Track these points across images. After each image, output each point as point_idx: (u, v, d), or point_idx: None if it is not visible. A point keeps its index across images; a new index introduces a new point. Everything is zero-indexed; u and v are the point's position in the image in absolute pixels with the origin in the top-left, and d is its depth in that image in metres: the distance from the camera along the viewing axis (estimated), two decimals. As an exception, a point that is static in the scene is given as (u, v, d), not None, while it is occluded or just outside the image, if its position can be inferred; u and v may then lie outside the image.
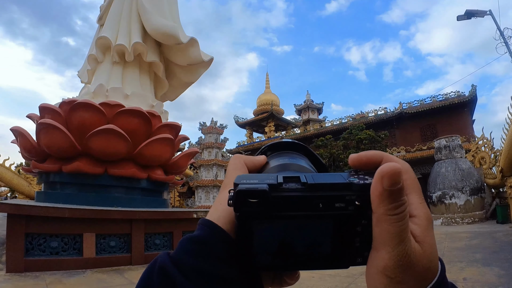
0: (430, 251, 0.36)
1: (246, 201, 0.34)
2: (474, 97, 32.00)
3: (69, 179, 8.71)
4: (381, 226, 0.34)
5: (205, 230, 0.40)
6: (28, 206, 6.86)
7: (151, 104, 10.30)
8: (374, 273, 0.36)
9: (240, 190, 0.34)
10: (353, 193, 0.35)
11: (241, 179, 0.36)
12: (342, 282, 6.00)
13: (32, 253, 6.69)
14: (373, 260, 0.36)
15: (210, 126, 30.53)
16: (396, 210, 0.33)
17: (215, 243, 0.39)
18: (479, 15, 15.25)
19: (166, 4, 10.89)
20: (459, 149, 19.93)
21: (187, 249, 0.39)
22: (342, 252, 0.38)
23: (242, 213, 0.35)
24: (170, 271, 0.37)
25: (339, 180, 0.36)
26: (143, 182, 9.42)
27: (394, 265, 0.34)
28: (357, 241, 0.37)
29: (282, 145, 0.53)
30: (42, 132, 8.43)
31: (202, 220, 0.42)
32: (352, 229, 0.37)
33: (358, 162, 0.41)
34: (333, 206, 0.35)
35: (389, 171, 0.33)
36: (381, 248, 0.35)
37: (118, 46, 10.09)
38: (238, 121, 52.98)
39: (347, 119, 39.91)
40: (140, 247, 7.77)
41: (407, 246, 0.34)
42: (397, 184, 0.33)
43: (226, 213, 0.41)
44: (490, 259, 7.64)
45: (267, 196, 0.34)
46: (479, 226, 15.71)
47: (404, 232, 0.34)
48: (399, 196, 0.33)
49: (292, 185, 0.36)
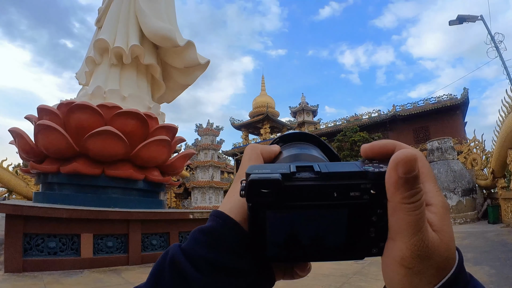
0: (448, 240, 0.35)
1: (259, 191, 0.33)
2: (466, 100, 32.20)
3: (66, 180, 8.74)
4: (397, 215, 0.34)
5: (217, 221, 0.40)
6: (26, 206, 6.85)
7: (148, 106, 10.33)
8: (391, 264, 0.35)
9: (252, 180, 0.33)
10: (368, 182, 0.35)
11: (253, 169, 0.35)
12: (336, 281, 6.00)
13: (30, 253, 6.72)
14: (390, 251, 0.36)
15: (206, 128, 30.50)
16: (412, 198, 0.33)
17: (227, 235, 0.38)
18: (471, 20, 15.39)
19: (163, 7, 10.94)
20: (451, 151, 20.07)
21: (198, 241, 0.39)
22: (357, 243, 0.37)
23: (254, 204, 0.35)
24: (181, 262, 0.38)
25: (353, 169, 0.35)
26: (140, 183, 9.45)
27: (411, 255, 0.33)
28: (372, 231, 0.37)
29: (294, 136, 0.52)
30: (40, 133, 8.45)
31: (214, 212, 0.41)
32: (367, 219, 0.36)
33: (371, 152, 0.40)
34: (347, 195, 0.34)
35: (404, 157, 0.33)
36: (397, 238, 0.34)
37: (115, 49, 10.12)
38: (234, 123, 52.89)
39: (342, 121, 40.06)
40: (137, 247, 7.80)
41: (425, 235, 0.33)
42: (413, 171, 0.33)
43: (238, 204, 0.40)
44: (481, 258, 7.72)
45: (279, 185, 0.33)
46: (471, 226, 15.80)
47: (421, 221, 0.33)
48: (414, 183, 0.33)
49: (305, 174, 0.35)
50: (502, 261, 7.31)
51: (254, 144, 0.47)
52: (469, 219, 18.03)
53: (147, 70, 11.20)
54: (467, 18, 15.42)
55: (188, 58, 10.76)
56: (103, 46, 10.36)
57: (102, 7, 11.54)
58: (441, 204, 0.36)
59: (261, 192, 0.33)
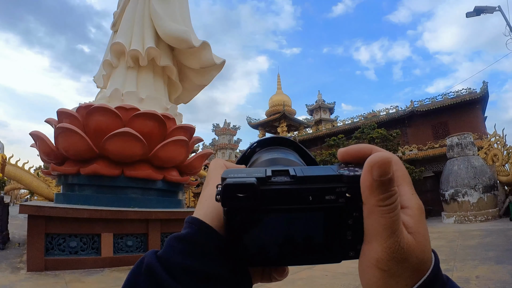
0: (423, 242, 0.35)
1: (234, 195, 0.33)
2: (486, 94, 31.45)
3: (87, 181, 8.90)
4: (372, 217, 0.34)
5: (192, 227, 0.39)
6: (47, 207, 7.02)
7: (165, 107, 10.45)
8: (367, 267, 0.35)
9: (227, 184, 0.33)
10: (343, 185, 0.35)
11: (229, 173, 0.35)
12: (355, 280, 5.96)
13: (52, 253, 6.90)
14: (366, 253, 0.35)
15: (224, 128, 30.73)
16: (387, 200, 0.33)
17: (203, 241, 0.38)
18: (488, 11, 15.03)
19: (178, 9, 11.05)
20: (471, 146, 19.66)
21: (174, 248, 0.38)
22: (334, 246, 0.37)
23: (230, 208, 0.34)
24: (157, 271, 0.37)
25: (329, 172, 0.36)
26: (159, 183, 9.56)
27: (387, 257, 0.33)
28: (349, 234, 0.37)
29: (271, 141, 0.52)
30: (60, 136, 8.62)
31: (189, 218, 0.40)
32: (343, 222, 0.36)
33: (347, 155, 0.40)
34: (323, 199, 0.34)
35: (379, 160, 0.33)
36: (373, 241, 0.34)
37: (132, 51, 10.27)
38: (251, 122, 52.75)
39: (359, 118, 39.51)
40: (156, 246, 7.82)
41: (400, 238, 0.33)
42: (387, 174, 0.33)
43: (212, 209, 0.40)
44: (503, 257, 7.55)
45: (255, 189, 0.33)
46: (492, 224, 15.50)
47: (396, 223, 0.33)
48: (389, 186, 0.33)
49: (281, 178, 0.35)
50: (525, 260, 7.13)
51: (218, 158, 0.47)
52: (490, 216, 17.67)
53: (163, 71, 11.31)
54: (485, 10, 15.04)
55: (204, 59, 10.84)
56: (119, 49, 10.52)
57: (117, 11, 11.70)
58: (416, 207, 0.37)
59: (236, 196, 0.33)
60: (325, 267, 6.82)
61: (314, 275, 6.39)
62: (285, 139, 0.52)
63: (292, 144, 0.52)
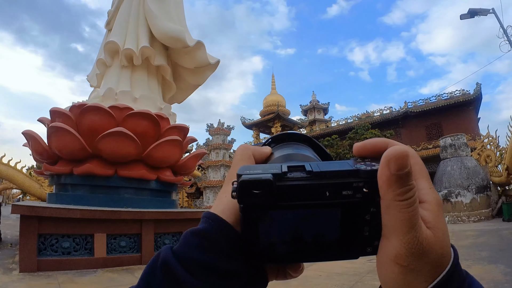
0: (442, 237, 0.34)
1: (250, 192, 0.33)
2: (479, 95, 31.73)
3: (80, 180, 8.83)
4: (390, 212, 0.33)
5: (209, 223, 0.39)
6: (40, 207, 6.94)
7: (159, 106, 10.40)
8: (385, 263, 0.35)
9: (243, 181, 0.33)
10: (360, 180, 0.34)
11: (244, 170, 0.35)
12: (349, 280, 6.00)
13: (44, 253, 6.81)
14: (384, 249, 0.35)
15: (218, 128, 30.61)
16: (405, 195, 0.32)
17: (220, 237, 0.38)
18: (482, 13, 15.17)
19: (172, 9, 11.00)
20: (465, 147, 19.84)
21: (190, 243, 0.38)
22: (351, 242, 0.37)
23: (246, 205, 0.34)
24: (173, 266, 0.37)
25: (345, 167, 0.35)
26: (153, 183, 9.51)
27: (406, 252, 0.33)
28: (366, 230, 0.36)
29: (286, 136, 0.52)
30: (53, 135, 8.56)
31: (206, 213, 0.40)
32: (360, 217, 0.36)
33: (364, 150, 0.40)
34: (340, 194, 0.34)
35: (396, 154, 0.32)
36: (391, 236, 0.34)
37: (126, 50, 10.21)
38: (245, 122, 52.82)
39: (353, 119, 39.72)
40: (150, 246, 7.86)
41: (418, 233, 0.33)
42: (405, 168, 0.32)
43: (230, 206, 0.40)
44: (496, 256, 7.63)
45: (271, 186, 0.33)
46: (485, 224, 15.64)
47: (415, 218, 0.33)
48: (407, 180, 0.32)
49: (297, 174, 0.35)
50: (518, 259, 7.17)
51: (246, 144, 0.46)
52: (484, 216, 17.85)
53: (157, 71, 11.26)
54: (479, 12, 15.19)
55: (198, 58, 10.81)
56: (113, 48, 10.45)
57: (112, 9, 11.61)
58: (434, 201, 0.36)
59: (252, 193, 0.33)
60: (320, 267, 6.82)
61: (308, 275, 6.37)
62: (300, 134, 0.52)
63: (307, 139, 0.52)
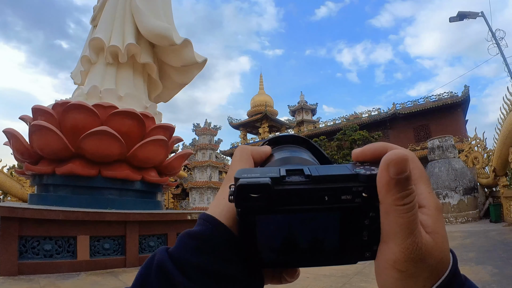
0: (441, 242, 0.34)
1: (248, 196, 0.32)
2: (467, 98, 32.24)
3: (62, 181, 8.66)
4: (389, 217, 0.33)
5: (206, 225, 0.38)
6: (21, 208, 6.77)
7: (144, 105, 10.29)
8: (384, 268, 0.35)
9: (241, 185, 0.32)
10: (360, 184, 0.34)
11: (242, 173, 0.34)
12: (336, 282, 5.98)
13: (25, 256, 6.63)
14: (383, 254, 0.35)
15: (204, 128, 30.51)
16: (404, 199, 0.32)
17: (217, 240, 0.37)
18: (471, 16, 15.37)
19: (160, 6, 10.86)
20: (452, 149, 20.07)
21: (187, 246, 0.37)
22: (350, 247, 0.36)
23: (243, 209, 0.33)
24: (169, 268, 0.36)
25: (345, 172, 0.34)
26: (137, 184, 9.39)
27: (404, 258, 0.32)
28: (365, 235, 0.36)
29: (283, 138, 0.51)
30: (35, 134, 8.38)
31: (203, 215, 0.39)
32: (359, 222, 0.35)
33: (363, 155, 0.39)
34: (339, 199, 0.33)
35: (395, 158, 0.32)
36: (390, 241, 0.33)
37: (111, 47, 10.07)
38: (232, 122, 52.89)
39: (341, 120, 40.03)
40: (134, 249, 7.73)
41: (418, 238, 0.32)
42: (404, 172, 0.32)
43: (228, 208, 0.39)
44: (484, 257, 7.68)
45: (269, 190, 0.32)
46: (473, 225, 15.82)
47: (414, 223, 0.32)
48: (406, 184, 0.32)
49: (296, 178, 0.34)
50: (505, 260, 7.27)
51: (244, 145, 0.46)
52: (471, 218, 18.07)
53: (143, 69, 11.14)
54: (468, 15, 15.40)
55: (185, 57, 10.71)
56: (98, 45, 10.29)
57: (98, 5, 11.49)
58: (434, 206, 0.36)
59: (250, 197, 0.32)
60: (307, 269, 6.75)
61: (295, 277, 6.29)
62: (298, 137, 0.52)
63: (305, 142, 0.51)
